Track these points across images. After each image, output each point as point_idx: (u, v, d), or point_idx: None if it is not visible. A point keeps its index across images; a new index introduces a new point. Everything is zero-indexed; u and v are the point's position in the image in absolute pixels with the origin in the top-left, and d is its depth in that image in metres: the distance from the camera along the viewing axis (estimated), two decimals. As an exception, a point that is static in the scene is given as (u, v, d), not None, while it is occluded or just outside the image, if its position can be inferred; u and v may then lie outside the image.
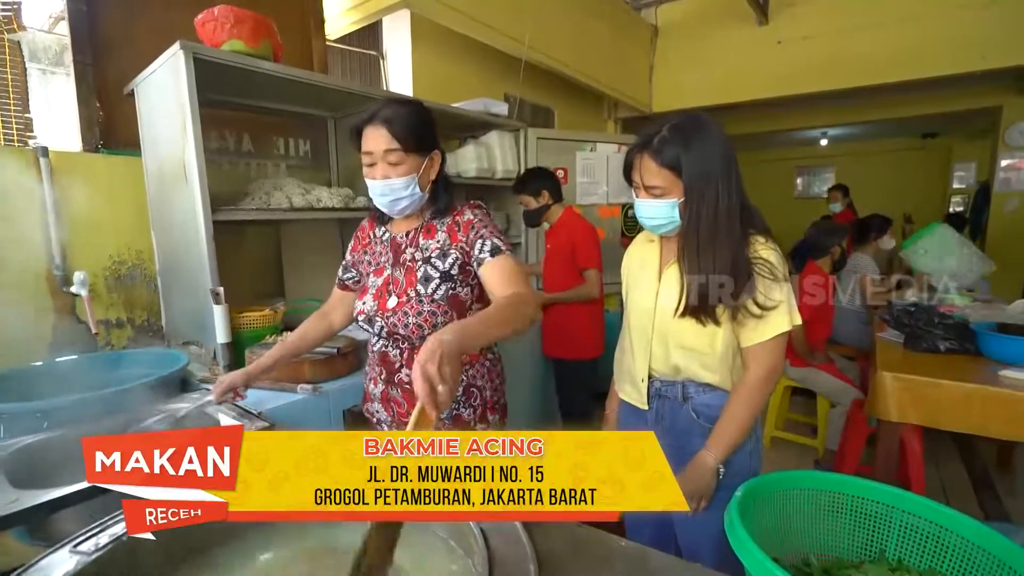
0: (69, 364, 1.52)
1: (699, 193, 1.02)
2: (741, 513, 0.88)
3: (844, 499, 1.07)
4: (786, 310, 1.05)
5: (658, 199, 1.07)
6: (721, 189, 1.02)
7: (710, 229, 1.02)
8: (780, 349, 1.08)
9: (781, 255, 1.07)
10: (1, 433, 1.16)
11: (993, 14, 3.42)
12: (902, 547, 1.00)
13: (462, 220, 1.17)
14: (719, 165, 1.02)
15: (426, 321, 1.13)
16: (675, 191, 1.05)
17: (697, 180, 1.02)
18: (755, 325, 1.06)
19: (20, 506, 0.87)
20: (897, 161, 8.42)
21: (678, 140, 1.02)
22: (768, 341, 1.06)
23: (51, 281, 1.70)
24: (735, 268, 1.03)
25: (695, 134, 1.02)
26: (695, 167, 1.02)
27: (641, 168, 1.07)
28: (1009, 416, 1.60)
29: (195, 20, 1.59)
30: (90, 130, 1.80)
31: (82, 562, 0.62)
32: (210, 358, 1.64)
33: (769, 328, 1.05)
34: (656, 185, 1.05)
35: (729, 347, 1.10)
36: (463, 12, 2.66)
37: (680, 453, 1.15)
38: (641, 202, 1.10)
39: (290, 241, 2.24)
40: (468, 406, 1.22)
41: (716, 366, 1.11)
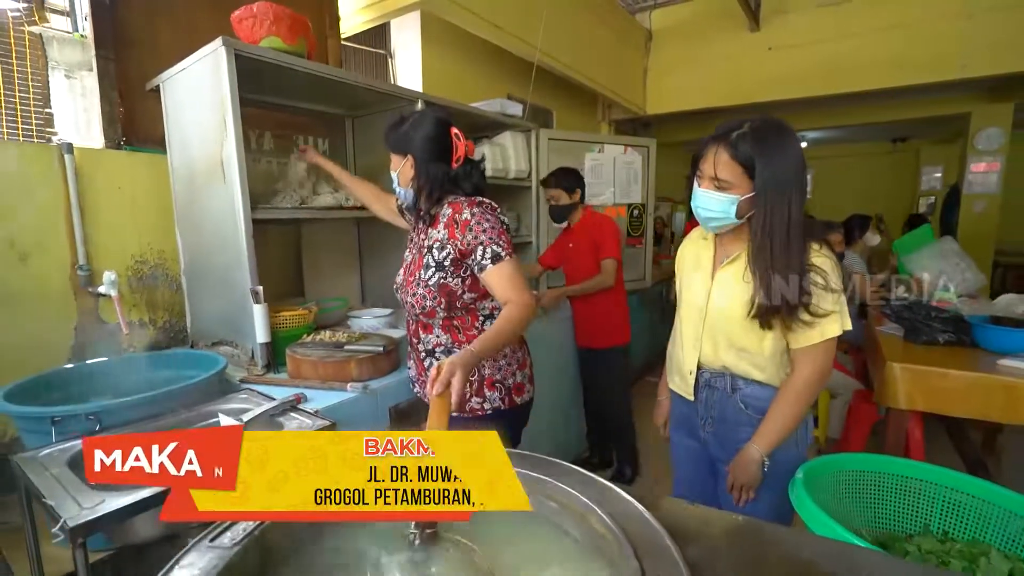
0: (105, 366, 1.50)
1: (773, 199, 1.05)
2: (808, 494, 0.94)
3: (889, 478, 1.14)
4: (837, 317, 1.08)
5: (721, 192, 1.09)
6: (795, 199, 1.05)
7: (784, 238, 1.04)
8: (829, 352, 1.10)
9: (835, 261, 1.09)
10: (53, 436, 1.14)
11: (972, 25, 3.62)
12: (945, 520, 1.08)
13: (460, 219, 1.27)
14: (795, 175, 1.05)
15: (418, 302, 1.32)
16: (740, 188, 1.07)
17: (771, 185, 1.04)
18: (805, 329, 1.08)
19: (106, 508, 0.87)
20: (868, 164, 8.79)
21: (757, 140, 1.05)
22: (818, 344, 1.08)
23: (75, 281, 1.66)
24: (803, 281, 1.05)
25: (775, 139, 1.05)
26: (771, 172, 1.04)
27: (714, 159, 1.09)
28: (1008, 401, 1.73)
29: (232, 16, 1.57)
30: (112, 127, 1.76)
31: (225, 556, 0.63)
32: (246, 358, 1.63)
33: (819, 332, 1.08)
34: (724, 178, 1.08)
35: (778, 348, 1.13)
36: (477, 14, 2.68)
37: (728, 443, 1.21)
38: (703, 192, 1.13)
39: (310, 241, 2.22)
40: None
41: (765, 365, 1.15)
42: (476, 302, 1.33)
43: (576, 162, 3.09)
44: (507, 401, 1.35)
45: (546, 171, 2.93)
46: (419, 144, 1.32)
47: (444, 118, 1.36)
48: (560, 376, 2.61)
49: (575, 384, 2.73)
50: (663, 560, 0.60)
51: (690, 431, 1.30)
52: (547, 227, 3.00)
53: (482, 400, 1.33)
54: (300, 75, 1.68)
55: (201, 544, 0.66)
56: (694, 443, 1.30)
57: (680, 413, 1.33)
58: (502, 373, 1.35)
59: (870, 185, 8.68)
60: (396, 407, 1.51)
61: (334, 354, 1.50)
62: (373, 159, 2.35)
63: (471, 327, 1.33)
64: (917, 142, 8.02)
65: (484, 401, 1.33)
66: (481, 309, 1.34)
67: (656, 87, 4.93)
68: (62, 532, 0.81)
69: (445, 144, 1.33)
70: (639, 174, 3.27)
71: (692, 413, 1.28)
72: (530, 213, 2.93)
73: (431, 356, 1.36)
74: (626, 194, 3.19)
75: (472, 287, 1.31)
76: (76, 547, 0.81)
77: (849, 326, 1.09)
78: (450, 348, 1.33)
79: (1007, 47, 3.55)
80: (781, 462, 1.12)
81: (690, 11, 4.63)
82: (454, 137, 1.34)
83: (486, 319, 1.34)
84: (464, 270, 1.29)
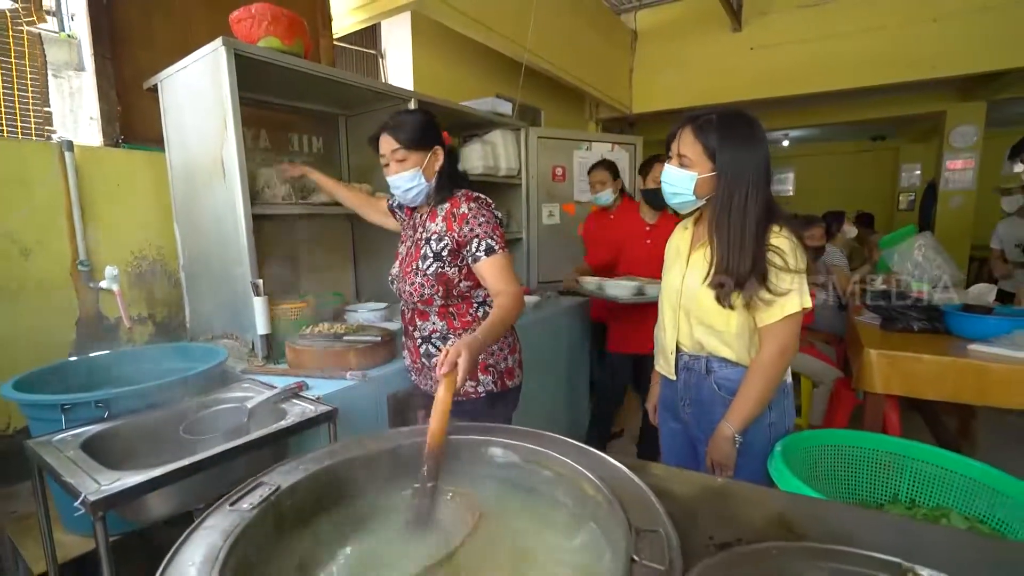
0: (107, 358, 1.53)
1: (731, 185, 1.12)
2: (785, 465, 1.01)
3: (861, 452, 1.22)
4: (796, 295, 1.13)
5: (682, 169, 1.18)
6: (752, 188, 1.12)
7: (740, 218, 1.12)
8: (792, 328, 1.15)
9: (795, 242, 1.14)
10: (63, 422, 1.17)
11: (941, 28, 3.76)
12: (913, 489, 1.16)
13: (457, 212, 1.36)
14: (755, 165, 1.12)
15: (416, 291, 1.38)
16: (699, 167, 1.16)
17: (731, 171, 1.12)
18: (766, 307, 1.14)
19: (123, 485, 0.91)
20: (849, 162, 8.99)
21: (722, 127, 1.13)
22: (779, 321, 1.14)
23: (76, 276, 1.69)
24: (756, 259, 1.12)
25: (739, 127, 1.13)
26: (731, 155, 1.12)
27: (680, 137, 1.19)
28: (978, 384, 1.82)
29: (230, 16, 1.61)
30: (111, 125, 1.79)
31: (247, 516, 0.68)
32: (246, 350, 1.67)
33: (779, 310, 1.13)
34: (686, 155, 1.17)
35: (744, 326, 1.19)
36: (467, 15, 2.74)
37: (704, 421, 1.28)
38: (668, 168, 1.22)
39: (304, 237, 2.26)
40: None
41: (733, 342, 1.21)
42: (471, 290, 1.39)
43: (565, 159, 3.16)
44: (499, 384, 1.42)
45: (536, 168, 3.00)
46: (439, 136, 1.41)
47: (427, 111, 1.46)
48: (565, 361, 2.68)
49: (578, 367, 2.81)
50: (647, 512, 0.66)
51: (674, 414, 1.37)
52: (537, 223, 3.07)
53: (476, 384, 1.40)
54: (296, 74, 1.72)
55: (222, 507, 0.71)
56: (678, 425, 1.38)
57: (665, 396, 1.40)
58: (495, 357, 1.42)
59: (851, 183, 8.88)
60: (394, 395, 1.57)
61: (333, 344, 1.55)
62: (365, 157, 2.39)
63: (466, 314, 1.40)
64: (896, 141, 8.22)
65: (478, 384, 1.40)
66: (475, 297, 1.41)
67: (641, 86, 5.03)
68: (83, 506, 0.85)
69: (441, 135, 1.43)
70: (625, 171, 3.35)
71: (674, 395, 1.35)
72: (520, 209, 2.99)
73: (427, 342, 1.42)
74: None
75: (468, 276, 1.38)
76: (97, 520, 0.85)
77: (808, 304, 1.14)
78: (446, 334, 1.39)
79: (973, 49, 3.70)
80: (755, 443, 1.19)
81: (674, 12, 4.73)
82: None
83: (480, 305, 1.41)
84: (460, 260, 1.37)
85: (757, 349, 1.19)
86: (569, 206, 3.22)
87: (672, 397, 1.36)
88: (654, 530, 0.62)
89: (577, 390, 2.90)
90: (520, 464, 0.85)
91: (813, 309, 2.95)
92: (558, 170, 3.13)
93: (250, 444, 1.08)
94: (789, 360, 1.18)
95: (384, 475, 0.83)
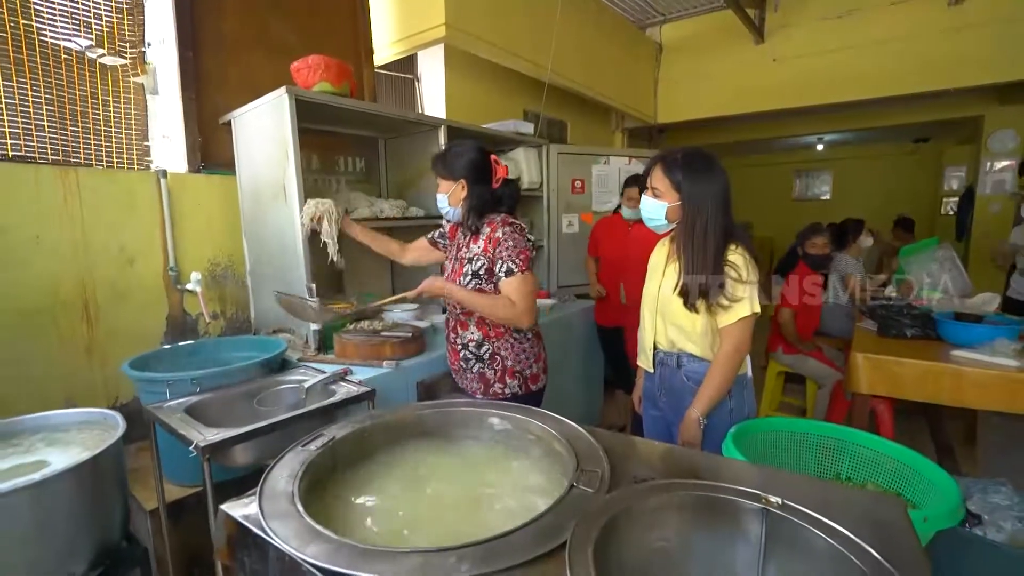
0: (192, 347, 1.89)
1: (694, 212, 1.37)
2: (735, 445, 1.23)
3: (809, 438, 1.42)
4: (747, 302, 1.37)
5: (655, 199, 1.44)
6: (712, 214, 1.36)
7: (701, 239, 1.36)
8: (744, 329, 1.40)
9: (747, 258, 1.39)
10: (167, 394, 1.52)
11: (963, 37, 3.77)
12: (852, 469, 1.36)
13: (493, 236, 1.59)
14: (713, 196, 1.37)
15: (457, 304, 1.63)
16: (668, 197, 1.41)
17: (694, 202, 1.38)
18: (724, 312, 1.39)
19: (222, 436, 1.23)
20: (890, 165, 8.76)
21: (685, 166, 1.38)
22: (735, 323, 1.39)
23: (167, 280, 2.06)
24: (715, 272, 1.37)
25: (699, 165, 1.38)
26: (692, 189, 1.37)
27: (652, 172, 1.45)
28: (956, 387, 1.96)
29: (292, 66, 1.95)
30: (194, 153, 2.16)
31: (312, 454, 0.97)
32: (300, 342, 2.00)
33: (734, 314, 1.38)
34: (656, 187, 1.43)
35: (707, 327, 1.44)
36: (494, 44, 3.02)
37: (677, 408, 1.52)
38: (644, 198, 1.49)
39: (348, 246, 2.59)
40: (491, 367, 1.65)
41: (699, 340, 1.45)
42: None
43: (584, 172, 3.40)
44: (524, 388, 1.67)
45: (556, 181, 3.25)
46: (467, 170, 1.63)
47: (484, 147, 1.67)
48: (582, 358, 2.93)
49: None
50: (593, 459, 0.91)
51: (653, 403, 1.61)
52: (557, 232, 3.32)
53: (503, 386, 1.65)
54: (343, 110, 2.05)
55: (296, 448, 1.00)
56: (657, 412, 1.61)
57: (646, 388, 1.64)
58: (521, 364, 1.66)
59: (892, 186, 8.66)
60: (422, 382, 1.86)
61: (372, 339, 1.86)
62: (402, 174, 2.72)
63: (500, 325, 1.64)
64: (939, 143, 7.98)
65: (505, 387, 1.65)
66: None
67: (667, 98, 5.19)
68: (195, 450, 1.17)
69: (487, 169, 1.65)
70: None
71: (653, 387, 1.59)
72: (542, 219, 3.26)
73: (465, 349, 1.67)
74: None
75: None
76: (205, 460, 1.17)
77: (758, 309, 1.38)
78: (481, 342, 1.64)
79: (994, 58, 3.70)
80: (718, 427, 1.41)
81: (698, 26, 4.88)
82: (493, 163, 1.66)
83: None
84: (495, 278, 1.60)
85: (719, 346, 1.43)
86: (587, 216, 3.45)
87: (652, 388, 1.60)
88: (594, 470, 0.88)
89: (590, 383, 3.14)
90: (511, 429, 1.12)
91: (821, 314, 3.08)
92: (577, 183, 3.38)
93: (307, 414, 1.39)
94: (744, 354, 1.42)
95: (409, 433, 1.12)
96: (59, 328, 1.78)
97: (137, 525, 1.61)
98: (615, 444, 1.01)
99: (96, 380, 1.87)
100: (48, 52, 1.84)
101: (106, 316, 1.89)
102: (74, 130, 1.91)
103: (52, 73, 1.85)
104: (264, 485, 0.85)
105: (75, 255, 1.81)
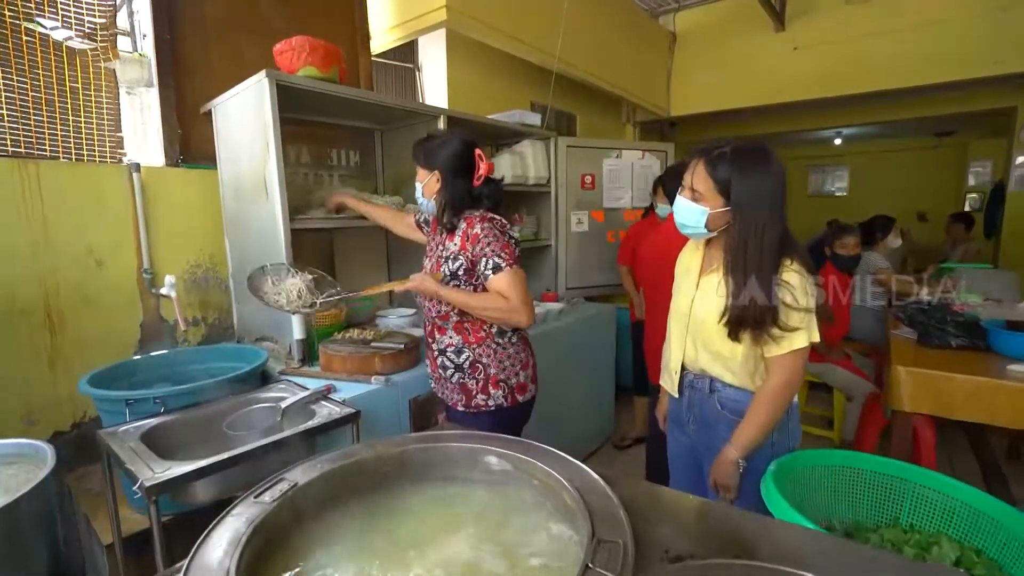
0: (166, 357, 1.73)
1: (746, 216, 1.12)
2: (775, 484, 1.04)
3: (862, 474, 1.22)
4: (804, 332, 1.14)
5: (693, 202, 1.20)
6: (770, 220, 1.11)
7: (756, 254, 1.11)
8: (798, 362, 1.16)
9: (805, 276, 1.14)
10: (127, 415, 1.35)
11: (1008, 18, 3.50)
12: (914, 514, 1.16)
13: (471, 232, 1.42)
14: (771, 199, 1.12)
15: (434, 306, 1.52)
16: (710, 201, 1.17)
17: (746, 206, 1.12)
18: (775, 342, 1.15)
19: (174, 473, 1.06)
20: (911, 160, 8.45)
21: (735, 162, 1.13)
22: (787, 355, 1.15)
23: (141, 283, 1.90)
24: (769, 298, 1.11)
25: (752, 161, 1.12)
26: (745, 191, 1.12)
27: (693, 170, 1.20)
28: (1016, 407, 1.75)
29: (274, 49, 1.76)
30: (172, 146, 1.99)
31: (265, 509, 0.79)
32: (284, 353, 1.83)
33: (788, 344, 1.14)
34: (697, 189, 1.18)
35: (749, 356, 1.20)
36: (499, 29, 2.82)
37: (708, 438, 1.31)
38: (679, 200, 1.23)
39: (342, 245, 2.42)
40: (472, 378, 1.47)
41: (737, 370, 1.23)
42: None
43: (594, 167, 3.19)
44: (510, 399, 1.48)
45: (565, 177, 3.05)
46: (446, 161, 1.47)
47: (470, 139, 1.49)
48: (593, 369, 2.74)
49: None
50: (612, 524, 0.72)
51: (680, 427, 1.40)
52: (566, 230, 3.12)
53: (487, 397, 1.47)
54: (332, 97, 1.86)
55: (248, 499, 0.82)
56: (684, 439, 1.41)
57: (671, 410, 1.44)
58: (506, 373, 1.48)
59: (914, 181, 8.35)
60: (415, 399, 1.68)
61: (361, 350, 1.68)
62: (400, 169, 2.53)
63: (480, 329, 1.47)
64: (963, 137, 7.66)
65: (488, 398, 1.47)
66: None
67: (680, 89, 4.95)
68: (140, 491, 1.00)
69: (469, 163, 1.47)
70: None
71: (679, 411, 1.38)
72: (550, 217, 3.06)
73: (443, 355, 1.51)
74: (643, 198, 3.26)
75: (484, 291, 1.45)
76: (151, 503, 1.00)
77: (816, 339, 1.15)
78: (460, 348, 1.48)
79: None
80: (759, 466, 1.19)
81: (714, 13, 4.63)
82: (477, 158, 1.48)
83: (493, 323, 1.48)
84: (475, 278, 1.44)
85: (762, 376, 1.21)
86: (598, 213, 3.25)
87: (677, 412, 1.39)
88: (615, 541, 0.69)
89: (602, 393, 2.95)
90: (511, 471, 0.93)
91: (849, 318, 2.85)
92: (587, 178, 3.17)
93: (281, 442, 1.22)
94: (795, 391, 1.20)
95: (391, 479, 0.93)
96: (17, 338, 1.62)
97: (96, 561, 1.44)
98: (636, 497, 0.82)
99: (61, 395, 1.70)
100: (7, 33, 1.67)
101: (72, 324, 1.73)
102: (38, 119, 1.75)
103: (12, 56, 1.68)
104: (193, 560, 0.67)
105: (35, 256, 1.65)
